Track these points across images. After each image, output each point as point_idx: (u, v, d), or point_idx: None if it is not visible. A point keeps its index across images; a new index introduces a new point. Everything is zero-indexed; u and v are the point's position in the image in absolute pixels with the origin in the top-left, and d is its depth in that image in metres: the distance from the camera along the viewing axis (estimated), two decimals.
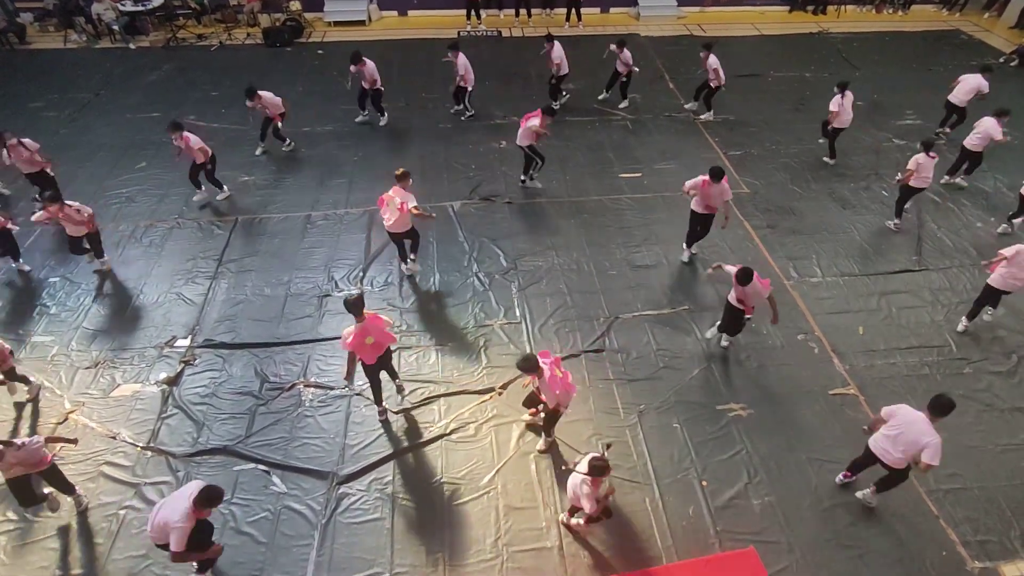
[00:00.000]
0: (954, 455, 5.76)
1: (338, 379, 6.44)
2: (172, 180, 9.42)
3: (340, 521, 5.29)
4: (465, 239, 8.39)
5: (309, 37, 14.51)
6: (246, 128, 10.61)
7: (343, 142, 10.49)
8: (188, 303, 7.35)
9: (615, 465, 5.69)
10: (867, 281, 7.84)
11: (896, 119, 11.43)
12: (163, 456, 5.73)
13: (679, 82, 12.57)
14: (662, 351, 6.83)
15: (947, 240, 8.53)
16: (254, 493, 5.47)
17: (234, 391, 6.34)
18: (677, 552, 5.11)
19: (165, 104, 11.40)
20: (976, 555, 5.13)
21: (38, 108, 11.18)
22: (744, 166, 10.05)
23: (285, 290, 7.53)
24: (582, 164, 10.04)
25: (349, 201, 9.06)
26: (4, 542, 5.10)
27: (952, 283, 7.81)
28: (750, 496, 5.51)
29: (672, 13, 15.76)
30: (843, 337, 7.04)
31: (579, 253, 8.18)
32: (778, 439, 5.97)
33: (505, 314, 7.26)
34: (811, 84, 12.67)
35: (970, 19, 16.08)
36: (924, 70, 13.30)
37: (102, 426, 5.97)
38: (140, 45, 13.85)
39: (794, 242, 8.43)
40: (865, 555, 5.12)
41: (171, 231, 8.48)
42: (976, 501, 5.50)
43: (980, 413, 6.24)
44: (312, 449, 5.82)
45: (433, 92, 11.81)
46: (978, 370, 6.69)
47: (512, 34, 14.85)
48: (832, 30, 15.25)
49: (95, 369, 6.53)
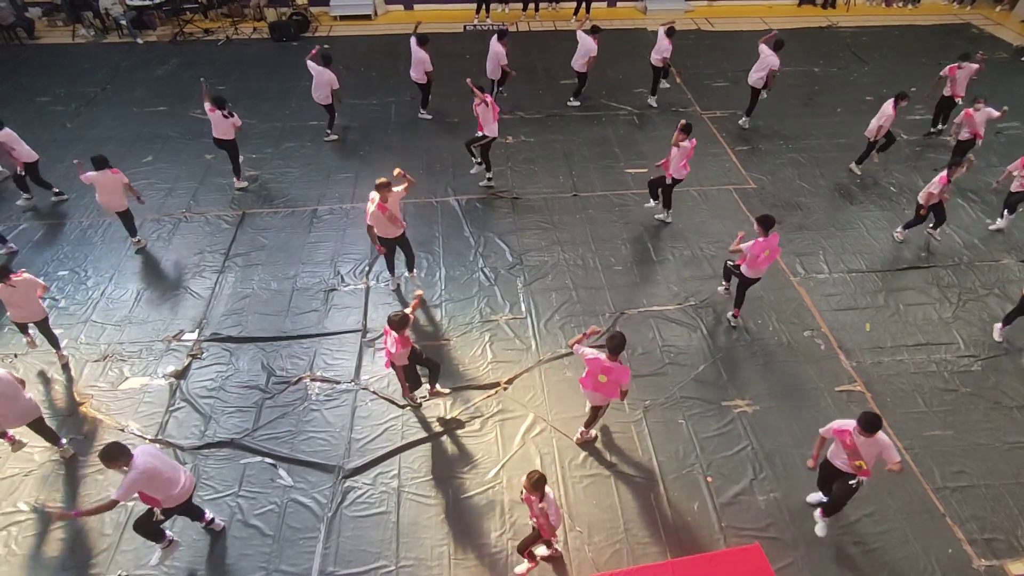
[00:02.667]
0: (961, 452, 5.75)
1: (344, 373, 6.48)
2: (179, 174, 9.46)
3: (346, 514, 5.32)
4: (471, 234, 8.38)
5: (315, 31, 14.50)
6: (253, 122, 10.63)
7: (349, 136, 10.50)
8: (195, 297, 7.39)
9: (620, 460, 5.72)
10: (874, 278, 7.79)
11: (905, 114, 11.30)
12: (171, 448, 5.78)
13: (686, 76, 12.49)
14: (667, 347, 6.82)
15: (956, 236, 8.46)
16: (261, 486, 5.52)
17: (241, 385, 6.38)
18: (682, 548, 5.12)
19: (172, 98, 11.43)
20: (982, 553, 5.12)
21: (45, 102, 11.23)
22: (751, 161, 9.99)
23: (291, 284, 7.56)
24: (588, 159, 10.01)
25: (355, 196, 9.07)
26: (15, 532, 5.17)
27: (961, 280, 7.75)
28: (755, 492, 5.51)
29: (680, 7, 15.64)
30: (850, 334, 7.01)
31: (585, 248, 8.17)
32: (784, 435, 5.96)
33: (511, 309, 7.26)
34: (820, 79, 12.57)
35: (981, 12, 15.89)
36: (934, 64, 13.10)
37: (111, 418, 6.03)
38: (147, 39, 13.88)
39: (801, 238, 8.39)
40: (870, 552, 5.11)
41: (179, 225, 8.52)
42: (983, 499, 5.48)
43: (988, 410, 6.20)
44: (318, 443, 5.85)
45: (439, 86, 11.77)
46: (987, 367, 6.65)
47: (519, 28, 14.79)
48: (841, 24, 15.11)
49: (104, 362, 6.59)
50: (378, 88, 11.96)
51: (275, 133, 10.52)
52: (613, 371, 5.02)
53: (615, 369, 5.01)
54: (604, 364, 5.02)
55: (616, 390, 5.16)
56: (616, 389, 5.15)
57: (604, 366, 5.02)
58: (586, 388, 5.31)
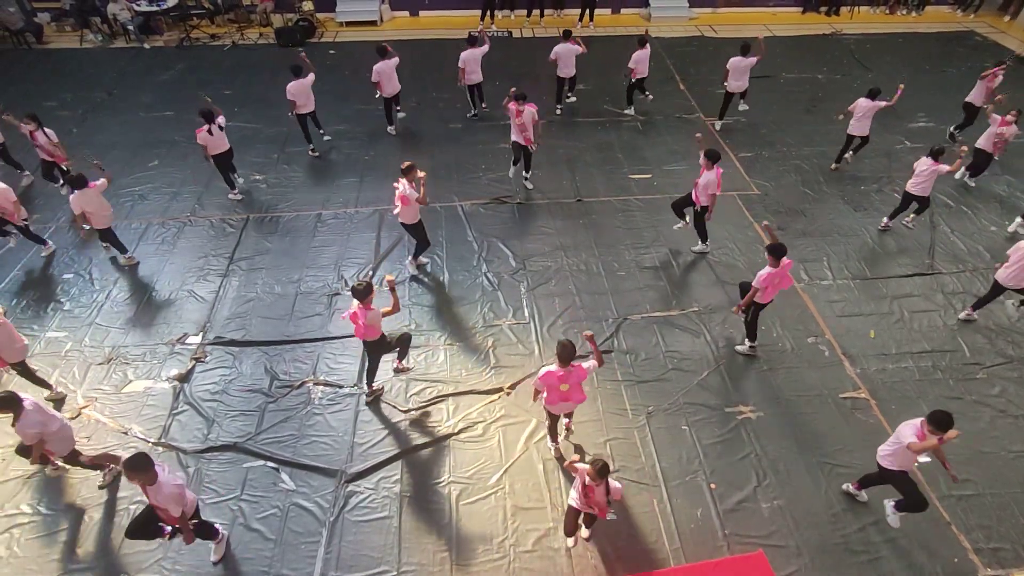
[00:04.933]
0: (967, 461, 5.71)
1: (347, 378, 6.48)
2: (184, 178, 9.51)
3: (348, 519, 5.31)
4: (474, 239, 8.40)
5: (321, 37, 14.59)
6: (259, 126, 10.69)
7: (354, 141, 10.55)
8: (199, 300, 7.41)
9: (623, 467, 5.70)
10: (879, 284, 7.77)
11: (908, 122, 11.34)
12: (174, 452, 5.78)
13: (690, 83, 12.52)
14: (671, 352, 6.81)
15: (960, 243, 8.44)
16: (263, 490, 5.51)
17: (244, 388, 6.38)
18: (685, 555, 5.09)
19: (178, 103, 11.49)
20: (988, 562, 5.08)
21: (52, 107, 11.30)
22: (755, 168, 9.99)
23: (295, 288, 7.58)
24: (591, 164, 10.03)
25: (359, 200, 9.10)
26: (18, 535, 5.16)
27: (965, 287, 7.72)
28: (759, 499, 5.48)
29: (684, 14, 15.71)
30: (854, 340, 6.98)
31: (588, 254, 8.17)
32: (788, 442, 5.93)
33: (514, 314, 7.26)
34: (823, 86, 12.59)
35: (985, 20, 15.91)
36: (937, 72, 13.18)
37: (114, 421, 6.03)
38: (154, 45, 13.99)
39: (805, 244, 8.38)
40: (875, 561, 5.08)
41: (183, 229, 8.55)
42: (989, 508, 5.44)
43: (993, 419, 6.17)
44: (321, 447, 5.85)
45: (444, 92, 11.84)
46: (992, 375, 6.62)
47: (523, 34, 14.86)
48: (845, 31, 15.14)
49: (108, 365, 6.60)
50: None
51: (280, 138, 10.57)
52: (570, 375, 4.99)
53: (571, 373, 4.99)
54: (558, 374, 4.98)
55: (581, 391, 5.15)
56: (580, 389, 5.13)
57: (559, 376, 4.98)
58: (553, 403, 5.20)
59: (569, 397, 5.14)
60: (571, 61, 10.63)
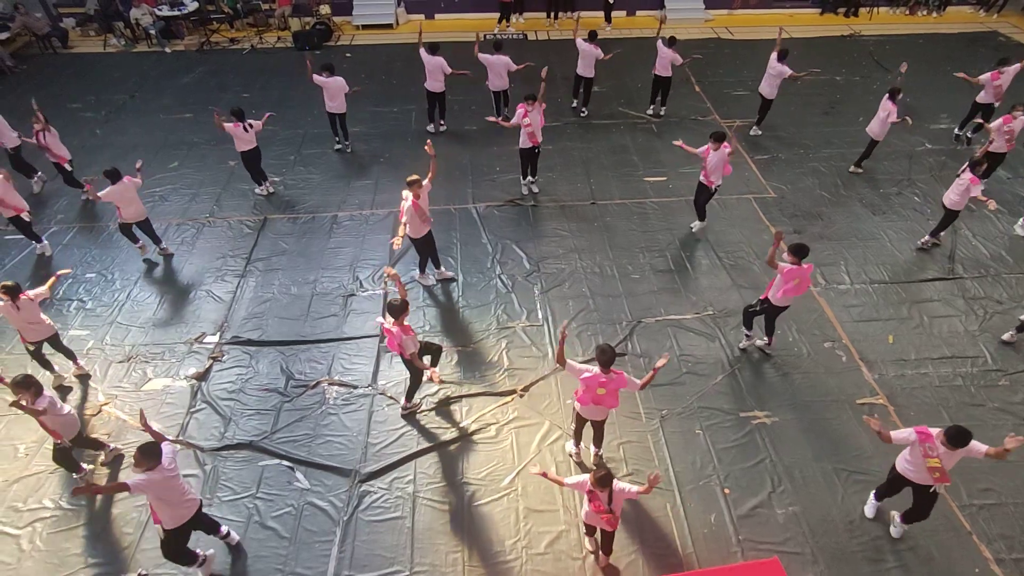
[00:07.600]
0: (988, 469, 5.59)
1: (361, 378, 6.52)
2: (203, 180, 9.65)
3: (361, 518, 5.35)
4: (488, 241, 8.42)
5: (338, 40, 14.75)
6: (276, 129, 10.81)
7: (370, 144, 10.63)
8: (217, 300, 7.51)
9: (636, 470, 5.68)
10: (898, 289, 7.66)
11: (930, 123, 11.17)
12: (191, 449, 5.87)
13: (705, 85, 12.45)
14: (685, 356, 6.77)
15: (982, 248, 8.30)
16: (278, 488, 5.57)
17: (260, 388, 6.46)
18: (698, 560, 5.06)
19: (198, 105, 11.68)
20: (1010, 574, 4.97)
21: (77, 109, 11.57)
22: (771, 171, 9.91)
23: (311, 289, 7.65)
24: (606, 167, 10.01)
25: (375, 202, 9.17)
26: (40, 529, 5.27)
27: (987, 292, 7.59)
28: (774, 505, 5.42)
29: (700, 16, 15.63)
30: (872, 346, 6.89)
31: (602, 256, 8.15)
32: (803, 448, 5.87)
33: (528, 316, 7.27)
34: (842, 88, 12.45)
35: (1008, 20, 15.63)
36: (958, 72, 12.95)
37: (133, 419, 6.13)
38: (175, 49, 14.25)
39: (822, 248, 8.28)
40: (892, 570, 5.00)
41: (202, 229, 8.68)
42: (1011, 518, 5.33)
43: (1017, 427, 6.04)
44: (335, 447, 5.90)
45: (457, 95, 11.88)
46: (1015, 382, 6.49)
47: (537, 37, 14.88)
48: (864, 32, 14.96)
49: (128, 363, 6.72)
50: (399, 96, 12.11)
51: (297, 140, 10.70)
52: (611, 382, 4.93)
53: (612, 380, 4.92)
54: (601, 379, 4.89)
55: (616, 398, 5.06)
56: (616, 396, 5.05)
57: (601, 380, 4.90)
58: (584, 404, 5.14)
59: (602, 401, 5.05)
60: (591, 62, 10.65)
